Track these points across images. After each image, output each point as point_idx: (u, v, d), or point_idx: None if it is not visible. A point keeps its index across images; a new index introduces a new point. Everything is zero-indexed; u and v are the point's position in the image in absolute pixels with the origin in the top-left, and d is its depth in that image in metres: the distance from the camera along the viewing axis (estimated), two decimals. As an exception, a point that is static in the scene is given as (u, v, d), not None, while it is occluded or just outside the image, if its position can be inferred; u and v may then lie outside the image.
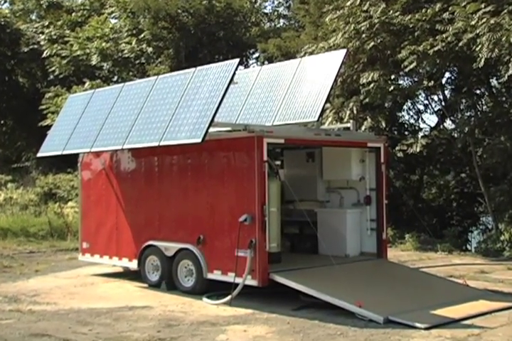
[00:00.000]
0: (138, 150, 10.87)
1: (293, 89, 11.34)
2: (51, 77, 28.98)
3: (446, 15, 14.22)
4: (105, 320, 8.60)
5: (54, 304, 9.70)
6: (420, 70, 15.61)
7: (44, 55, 28.63)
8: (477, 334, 7.49)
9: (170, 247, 10.55)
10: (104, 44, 27.21)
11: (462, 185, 19.44)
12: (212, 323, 8.27)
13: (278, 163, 12.04)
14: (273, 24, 30.02)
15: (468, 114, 17.09)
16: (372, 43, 15.49)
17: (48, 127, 18.30)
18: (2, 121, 32.11)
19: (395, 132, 18.83)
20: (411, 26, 14.86)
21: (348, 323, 8.04)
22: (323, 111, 11.38)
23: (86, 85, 24.42)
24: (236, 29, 27.04)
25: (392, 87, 15.76)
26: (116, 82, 27.29)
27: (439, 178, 20.21)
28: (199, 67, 10.11)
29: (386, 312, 8.11)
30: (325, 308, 8.59)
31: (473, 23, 13.14)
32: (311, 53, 16.35)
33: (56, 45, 28.57)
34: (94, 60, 27.14)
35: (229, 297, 9.22)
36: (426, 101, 18.79)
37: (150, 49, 26.35)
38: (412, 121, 19.35)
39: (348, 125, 12.10)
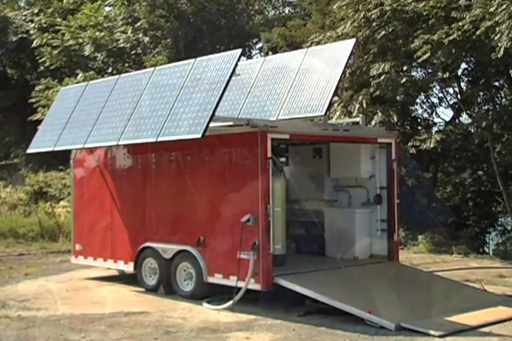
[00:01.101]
0: (134, 146, 10.90)
1: (299, 82, 11.34)
2: (41, 68, 29.02)
3: (462, 1, 14.17)
4: (99, 326, 8.62)
5: (45, 309, 9.72)
6: (434, 61, 15.56)
7: (34, 44, 28.67)
8: (495, 342, 7.52)
9: (168, 249, 10.57)
10: (97, 33, 27.24)
11: (479, 183, 19.43)
12: (212, 330, 8.29)
13: (283, 159, 12.04)
14: (277, 12, 30.05)
15: (485, 107, 17.07)
16: (383, 32, 15.46)
17: (39, 122, 18.33)
18: (-11, 115, 32.23)
19: (408, 127, 18.83)
20: (425, 14, 14.82)
21: (358, 330, 8.05)
22: (330, 104, 11.38)
23: (79, 77, 24.48)
24: (238, 17, 27.08)
25: (404, 79, 15.73)
26: (111, 73, 27.35)
27: (455, 176, 20.19)
28: (199, 58, 10.12)
29: (398, 319, 8.12)
30: (333, 314, 8.60)
31: (491, 9, 13.10)
32: (318, 43, 16.34)
33: (47, 34, 28.60)
34: (88, 50, 27.17)
35: (231, 302, 9.24)
36: (440, 94, 18.79)
37: (147, 38, 26.39)
38: (425, 115, 19.35)
39: (357, 119, 12.11)
